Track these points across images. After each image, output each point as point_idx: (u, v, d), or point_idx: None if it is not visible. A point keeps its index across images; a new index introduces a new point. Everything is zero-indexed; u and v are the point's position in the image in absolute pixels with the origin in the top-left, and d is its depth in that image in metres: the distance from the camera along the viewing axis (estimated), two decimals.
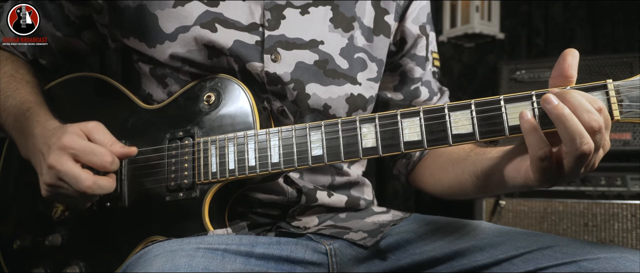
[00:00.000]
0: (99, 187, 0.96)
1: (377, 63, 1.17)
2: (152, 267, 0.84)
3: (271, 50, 1.06)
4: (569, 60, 0.81)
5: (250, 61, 1.05)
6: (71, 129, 0.98)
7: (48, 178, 0.97)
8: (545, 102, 0.78)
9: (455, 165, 1.07)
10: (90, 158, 0.96)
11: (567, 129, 0.76)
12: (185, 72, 1.07)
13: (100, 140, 0.98)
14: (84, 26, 1.18)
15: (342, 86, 1.11)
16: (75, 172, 0.94)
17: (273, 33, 1.07)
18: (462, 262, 1.01)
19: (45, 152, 0.98)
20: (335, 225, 1.13)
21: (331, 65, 1.10)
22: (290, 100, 1.07)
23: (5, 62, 1.19)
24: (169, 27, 1.06)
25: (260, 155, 0.97)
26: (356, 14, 1.15)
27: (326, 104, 1.09)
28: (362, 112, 1.15)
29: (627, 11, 2.76)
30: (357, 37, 1.14)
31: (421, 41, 1.23)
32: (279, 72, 1.06)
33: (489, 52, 2.99)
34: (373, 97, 1.17)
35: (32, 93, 1.13)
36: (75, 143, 0.95)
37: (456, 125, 0.86)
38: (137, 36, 1.09)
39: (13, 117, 1.09)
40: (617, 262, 0.85)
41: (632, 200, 2.08)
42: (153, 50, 1.08)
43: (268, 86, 1.06)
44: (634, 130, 2.15)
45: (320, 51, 1.10)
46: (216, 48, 1.05)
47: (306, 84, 1.08)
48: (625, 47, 2.74)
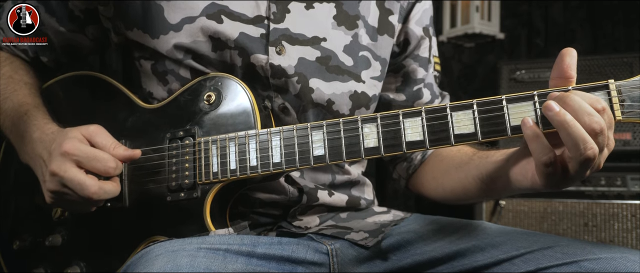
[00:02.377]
0: (105, 192, 0.96)
1: (380, 62, 1.17)
2: (153, 267, 0.84)
3: (276, 43, 1.07)
4: (567, 61, 0.81)
5: (254, 53, 1.05)
6: (72, 134, 0.97)
7: (52, 186, 0.96)
8: (546, 109, 0.78)
9: (459, 169, 1.07)
10: (94, 164, 0.95)
11: (570, 136, 0.76)
12: (186, 66, 1.07)
13: (102, 144, 0.98)
14: (88, 20, 1.18)
15: (346, 83, 1.11)
16: (80, 178, 0.94)
17: (278, 26, 1.08)
18: (463, 262, 1.01)
19: (46, 158, 0.97)
20: (336, 225, 1.13)
21: (334, 62, 1.10)
22: (293, 94, 1.07)
23: (4, 63, 1.18)
24: (174, 18, 1.07)
25: (261, 155, 0.97)
26: (360, 13, 1.16)
27: (330, 99, 1.09)
28: (365, 110, 1.15)
29: (627, 11, 2.77)
30: (361, 35, 1.15)
31: (424, 43, 1.24)
32: (283, 65, 1.06)
33: (489, 52, 2.99)
34: (376, 95, 1.18)
35: (30, 95, 1.12)
36: (78, 149, 0.95)
37: (458, 125, 0.86)
38: (140, 27, 1.09)
39: (11, 121, 1.09)
40: (618, 262, 0.85)
41: (632, 200, 2.08)
42: (156, 41, 1.07)
43: (271, 79, 1.06)
44: (634, 130, 2.16)
45: (322, 48, 1.10)
46: (221, 40, 1.05)
47: (309, 78, 1.08)
48: (625, 47, 2.74)
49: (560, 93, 0.80)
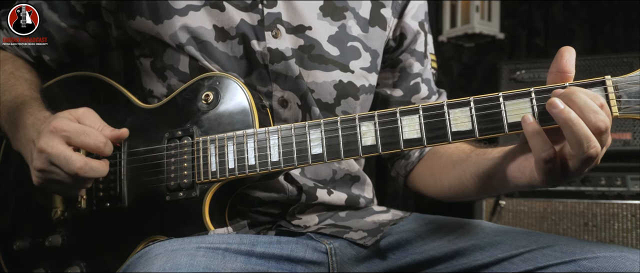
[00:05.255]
0: (90, 169, 0.95)
1: (371, 53, 1.18)
2: (153, 266, 0.84)
3: (271, 27, 1.09)
4: (566, 57, 0.81)
5: (253, 39, 1.07)
6: (61, 113, 0.98)
7: (38, 163, 0.95)
8: (551, 106, 0.78)
9: (456, 166, 1.07)
10: (83, 139, 0.95)
11: (574, 134, 0.76)
12: (185, 54, 1.08)
13: (90, 125, 0.98)
14: (89, 16, 1.19)
15: (330, 72, 1.12)
16: (67, 153, 0.93)
17: (271, 10, 1.10)
18: (462, 261, 1.01)
19: (35, 138, 0.97)
20: (335, 224, 1.13)
21: (318, 51, 1.11)
22: (294, 78, 1.08)
23: (6, 61, 1.20)
24: (179, 4, 1.09)
25: (260, 154, 0.97)
26: (349, 5, 1.17)
27: (309, 87, 1.10)
28: (353, 100, 1.15)
29: (627, 11, 2.77)
30: (351, 26, 1.16)
31: (420, 37, 1.25)
32: (281, 48, 1.08)
33: (489, 52, 2.99)
34: (365, 86, 1.17)
35: (28, 89, 1.13)
36: (67, 125, 0.94)
37: (455, 123, 0.86)
38: (144, 15, 1.10)
39: (7, 111, 1.10)
40: (617, 261, 0.85)
41: (632, 200, 2.08)
42: (160, 26, 1.08)
43: (271, 65, 1.08)
44: (634, 130, 2.15)
45: (306, 36, 1.11)
46: (224, 29, 1.08)
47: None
48: (625, 47, 2.74)
49: (565, 90, 0.79)
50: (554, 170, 0.80)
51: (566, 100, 0.77)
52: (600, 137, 0.76)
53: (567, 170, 0.80)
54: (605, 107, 0.78)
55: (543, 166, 0.79)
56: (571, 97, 0.77)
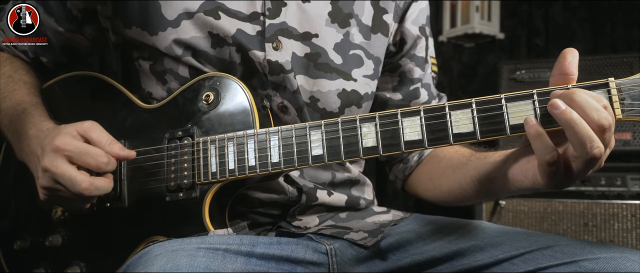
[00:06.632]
0: (96, 188, 0.95)
1: (374, 61, 1.17)
2: (153, 266, 0.84)
3: (272, 39, 1.07)
4: (569, 59, 0.81)
5: (252, 50, 1.06)
6: (65, 130, 0.97)
7: (44, 182, 0.96)
8: (552, 107, 0.77)
9: (456, 170, 1.07)
10: (85, 159, 0.94)
11: (576, 134, 0.75)
12: (185, 63, 1.07)
13: (97, 140, 0.97)
14: (86, 20, 1.18)
15: (333, 81, 1.11)
16: (71, 174, 0.93)
17: (274, 21, 1.08)
18: (463, 261, 1.01)
19: (39, 154, 0.97)
20: (335, 225, 1.13)
21: (323, 59, 1.11)
22: (291, 91, 1.07)
23: (4, 63, 1.19)
24: (171, 14, 1.07)
25: (260, 155, 0.97)
26: (354, 12, 1.16)
27: (313, 96, 1.10)
28: (357, 109, 1.15)
29: (627, 11, 2.77)
30: (354, 34, 1.15)
31: (421, 42, 1.24)
32: (280, 60, 1.06)
33: (489, 52, 2.99)
34: (368, 94, 1.17)
35: (29, 94, 1.12)
36: (69, 144, 0.94)
37: (457, 125, 0.86)
38: (139, 25, 1.09)
39: (8, 119, 1.09)
40: (617, 261, 0.84)
41: (632, 200, 2.08)
42: (155, 38, 1.08)
43: (269, 76, 1.07)
44: (634, 130, 2.16)
45: (313, 44, 1.10)
46: (220, 36, 1.06)
47: (296, 75, 1.08)
48: (625, 47, 2.74)
49: (565, 90, 0.79)
50: (557, 173, 0.79)
51: (567, 101, 0.77)
52: (603, 136, 0.75)
53: (570, 172, 0.80)
54: (609, 109, 0.78)
55: (546, 169, 0.79)
56: (572, 97, 0.77)
